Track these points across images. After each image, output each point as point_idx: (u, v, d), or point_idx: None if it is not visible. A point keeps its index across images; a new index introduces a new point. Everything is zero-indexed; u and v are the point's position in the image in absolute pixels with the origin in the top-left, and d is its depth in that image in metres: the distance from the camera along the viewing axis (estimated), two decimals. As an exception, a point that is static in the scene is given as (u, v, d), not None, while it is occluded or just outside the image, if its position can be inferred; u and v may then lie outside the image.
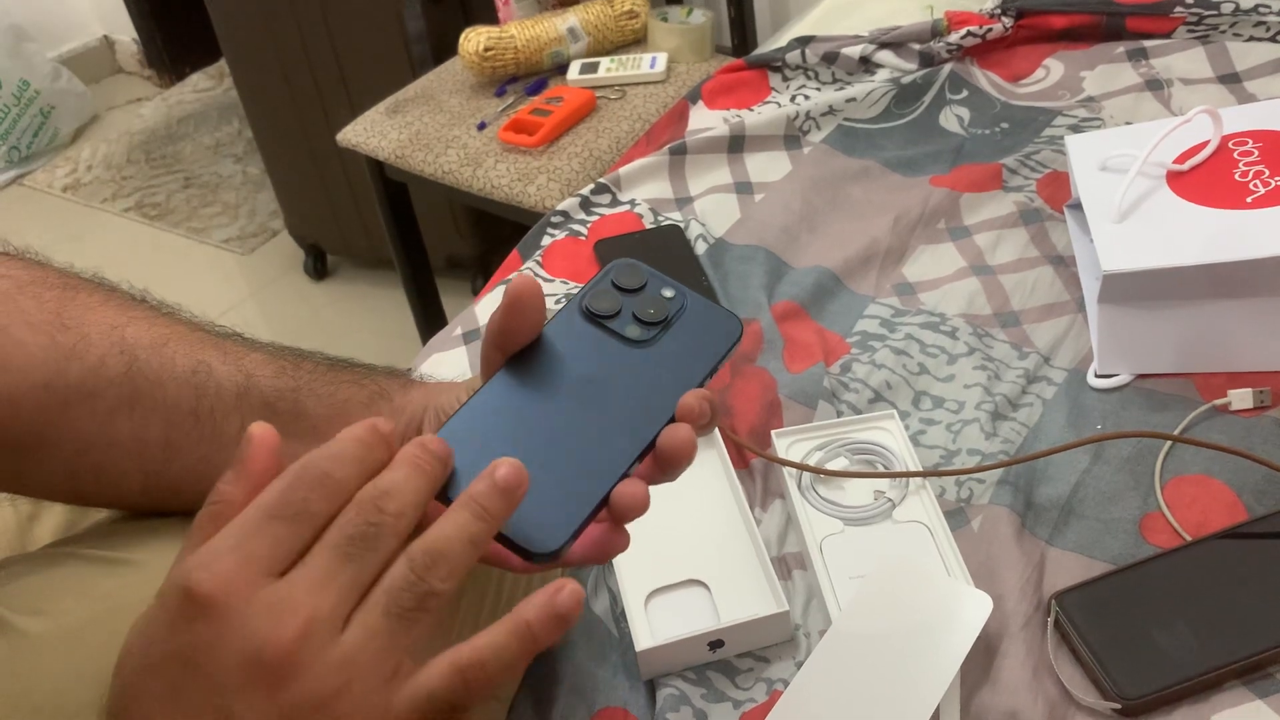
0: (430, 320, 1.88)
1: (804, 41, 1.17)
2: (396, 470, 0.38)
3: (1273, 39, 1.08)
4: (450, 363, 0.87)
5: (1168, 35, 1.12)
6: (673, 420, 0.44)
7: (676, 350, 0.46)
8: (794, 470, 0.72)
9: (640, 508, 0.42)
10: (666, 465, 0.44)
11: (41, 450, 0.47)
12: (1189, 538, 0.66)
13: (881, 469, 0.72)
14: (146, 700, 0.35)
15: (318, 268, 2.36)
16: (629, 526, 0.44)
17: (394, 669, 0.36)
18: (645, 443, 0.44)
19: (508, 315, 0.44)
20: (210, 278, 2.44)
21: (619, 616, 0.66)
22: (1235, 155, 0.81)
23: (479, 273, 2.07)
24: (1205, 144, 0.82)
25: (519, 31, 1.58)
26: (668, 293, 0.48)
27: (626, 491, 0.42)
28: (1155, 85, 1.07)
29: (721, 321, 0.47)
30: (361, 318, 2.26)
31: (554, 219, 1.01)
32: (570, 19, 1.61)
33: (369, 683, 0.35)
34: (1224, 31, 1.10)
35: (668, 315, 0.47)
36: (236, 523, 0.36)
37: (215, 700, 0.34)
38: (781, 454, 0.74)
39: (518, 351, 0.45)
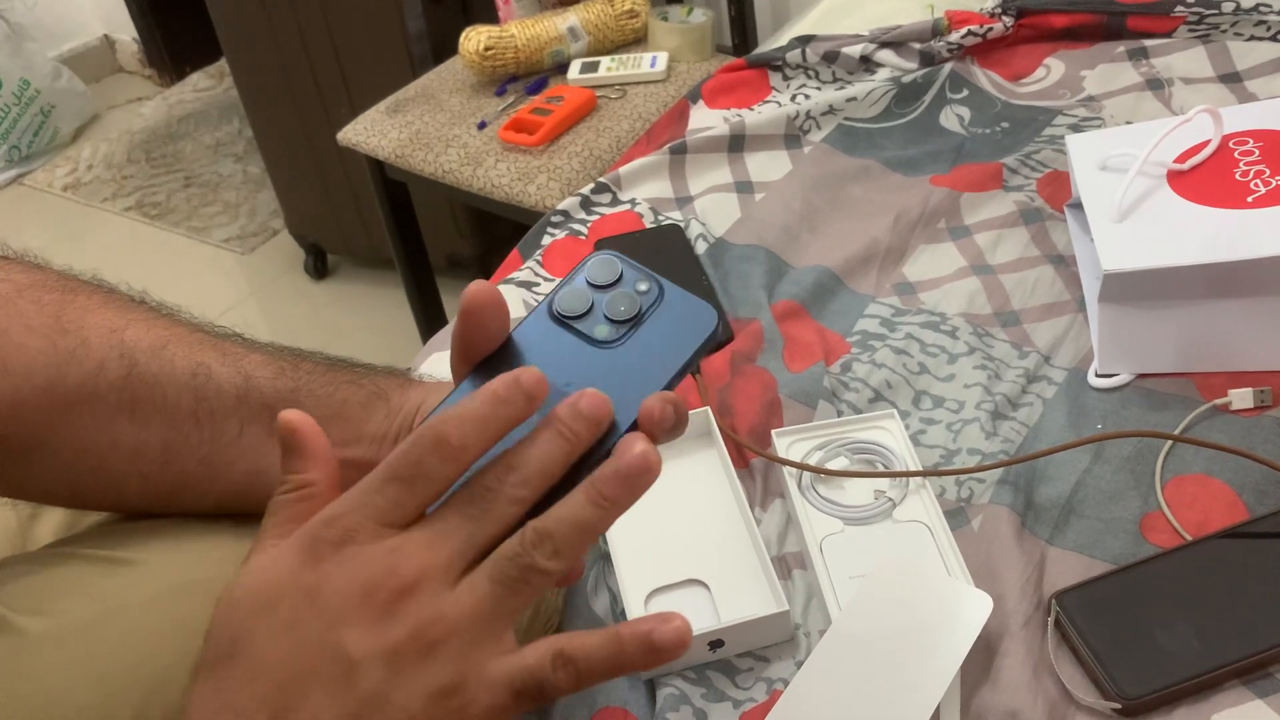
0: (430, 319, 1.88)
1: (804, 41, 1.17)
2: (536, 435, 0.39)
3: (1273, 38, 1.08)
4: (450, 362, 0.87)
5: (1168, 35, 1.12)
6: (635, 426, 0.42)
7: (646, 349, 0.44)
8: (794, 470, 0.72)
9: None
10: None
11: (41, 454, 0.47)
12: (1189, 537, 0.66)
13: (882, 468, 0.72)
14: (262, 636, 0.37)
15: (318, 267, 2.37)
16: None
17: (494, 635, 0.37)
18: (603, 452, 0.41)
19: (464, 326, 0.43)
20: (211, 277, 2.44)
21: (619, 616, 0.66)
22: (1236, 155, 0.81)
23: (479, 272, 2.06)
24: (1206, 143, 0.82)
25: (519, 31, 1.58)
26: (642, 286, 0.45)
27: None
28: (1156, 85, 1.07)
29: (697, 312, 0.44)
30: (362, 317, 2.26)
31: (554, 218, 1.01)
32: (570, 18, 1.61)
33: (469, 640, 0.37)
34: (1225, 31, 1.10)
35: (640, 311, 0.44)
36: (360, 485, 0.38)
37: (329, 633, 0.36)
38: (781, 453, 0.74)
39: (484, 358, 0.43)
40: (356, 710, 0.36)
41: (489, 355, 0.44)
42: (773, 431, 0.75)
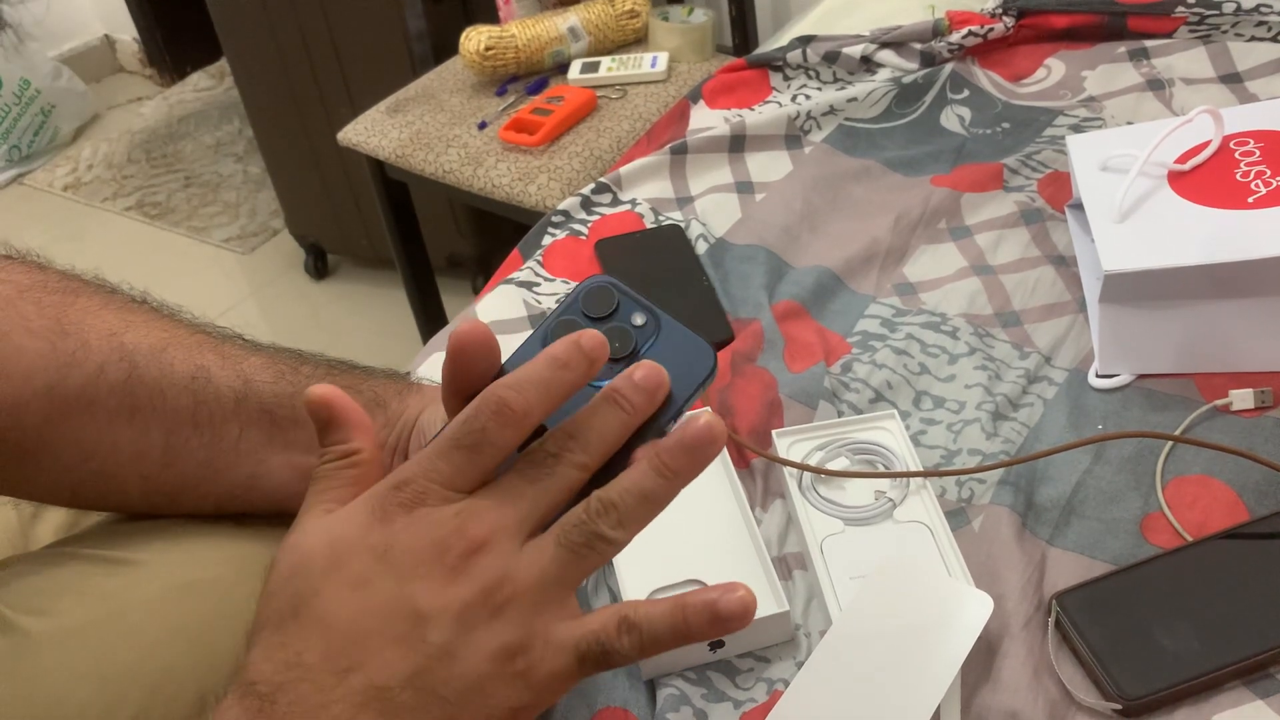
0: (431, 319, 1.88)
1: (805, 41, 1.17)
2: (595, 406, 0.40)
3: (1274, 39, 1.08)
4: (451, 362, 0.87)
5: (1169, 35, 1.12)
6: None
7: None
8: (794, 470, 0.72)
9: None
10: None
11: (42, 457, 0.47)
12: (1190, 538, 0.66)
13: (882, 469, 0.72)
14: (330, 593, 0.37)
15: (318, 267, 2.37)
16: None
17: (560, 600, 0.38)
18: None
19: (453, 366, 0.42)
20: (211, 277, 2.44)
21: (620, 616, 0.66)
22: (1236, 155, 0.81)
23: (480, 272, 2.07)
24: (1206, 144, 0.82)
25: (520, 31, 1.58)
26: (638, 320, 0.43)
27: None
28: (1156, 85, 1.07)
29: (694, 352, 0.43)
30: (362, 317, 2.26)
31: (555, 218, 1.01)
32: (571, 18, 1.61)
33: (536, 602, 0.38)
34: (1225, 31, 1.10)
35: (635, 347, 0.43)
36: (424, 452, 0.39)
37: (400, 588, 0.37)
38: (782, 454, 0.74)
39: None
40: (426, 664, 0.36)
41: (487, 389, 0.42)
42: (773, 432, 0.75)
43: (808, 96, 1.13)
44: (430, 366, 0.87)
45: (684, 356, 0.43)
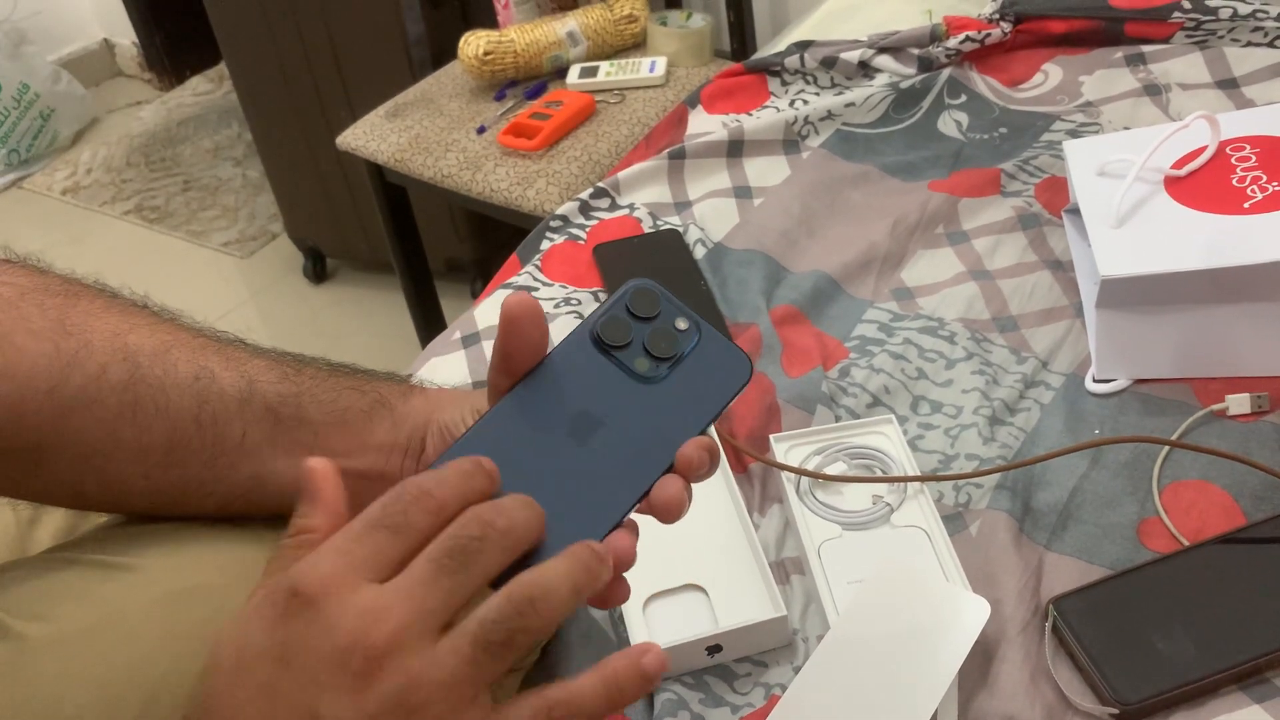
0: (429, 324, 1.88)
1: (803, 46, 1.18)
2: (506, 499, 0.39)
3: (1270, 44, 1.08)
4: (449, 366, 0.87)
5: (1166, 40, 1.12)
6: (671, 468, 0.43)
7: (683, 390, 0.44)
8: (792, 475, 0.72)
9: (629, 561, 0.42)
10: (659, 516, 0.43)
11: (44, 457, 0.47)
12: (1187, 543, 0.66)
13: (880, 474, 0.73)
14: (238, 699, 0.36)
15: (317, 271, 2.37)
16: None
17: (475, 699, 0.36)
18: (642, 491, 0.42)
19: (505, 337, 0.43)
20: (210, 281, 2.44)
21: (617, 621, 0.66)
22: (1233, 161, 0.81)
23: (478, 276, 2.07)
24: (1203, 149, 0.82)
25: (518, 35, 1.58)
26: (681, 324, 0.45)
27: (618, 545, 0.41)
28: (1153, 90, 1.07)
29: (732, 361, 0.45)
30: (361, 321, 2.26)
31: (553, 223, 1.02)
32: (570, 23, 1.62)
33: (450, 706, 0.35)
34: (1222, 37, 1.10)
35: (680, 352, 0.45)
36: (340, 533, 0.37)
37: (303, 698, 0.35)
38: (780, 458, 0.74)
39: (525, 376, 0.43)
40: None
41: (532, 373, 0.43)
42: (771, 436, 0.75)
43: (805, 101, 1.14)
44: (429, 370, 0.87)
45: (722, 364, 0.45)
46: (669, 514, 0.42)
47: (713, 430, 0.71)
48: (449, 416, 0.52)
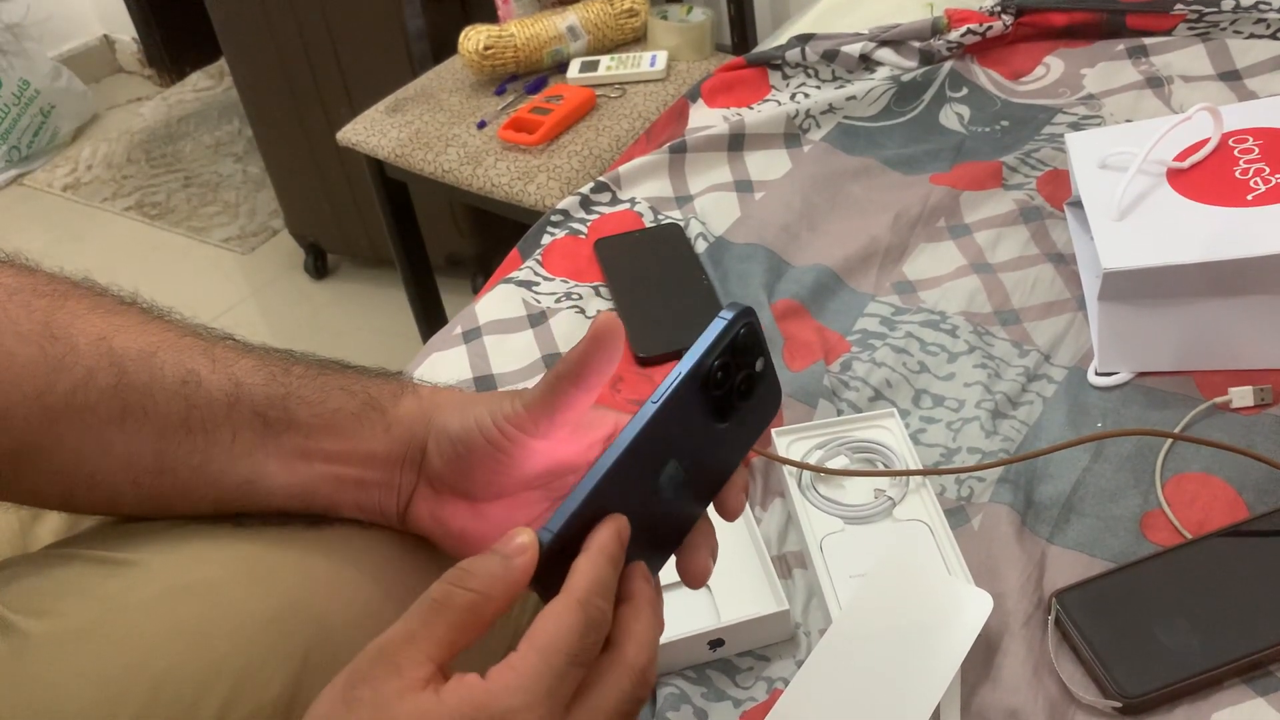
0: (430, 319, 1.88)
1: (804, 39, 1.17)
2: (643, 622, 0.41)
3: (1273, 36, 1.08)
4: (450, 362, 0.87)
5: (1168, 33, 1.12)
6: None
7: (739, 425, 0.44)
8: (794, 469, 0.72)
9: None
10: (689, 584, 0.46)
11: (32, 462, 0.47)
12: (1190, 536, 0.66)
13: (882, 467, 0.72)
14: None
15: (318, 267, 2.36)
16: None
17: None
18: (693, 523, 0.45)
19: (591, 350, 0.45)
20: (210, 277, 2.44)
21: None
22: (1236, 153, 0.81)
23: (479, 271, 2.06)
24: (1205, 141, 0.82)
25: (519, 30, 1.58)
26: (759, 366, 0.45)
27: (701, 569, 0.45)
28: (1155, 82, 1.06)
29: (773, 392, 0.46)
30: (362, 317, 2.26)
31: (554, 218, 1.01)
32: (570, 17, 1.61)
33: None
34: (1224, 29, 1.10)
35: (753, 392, 0.44)
36: (546, 668, 0.38)
37: None
38: (782, 452, 0.74)
39: (636, 421, 0.42)
40: None
41: (643, 418, 0.41)
42: (772, 430, 0.75)
43: (806, 95, 1.13)
44: (429, 366, 0.87)
45: (769, 396, 0.46)
46: (697, 582, 0.46)
47: None
48: (452, 422, 0.50)
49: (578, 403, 0.47)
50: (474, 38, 1.57)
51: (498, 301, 0.92)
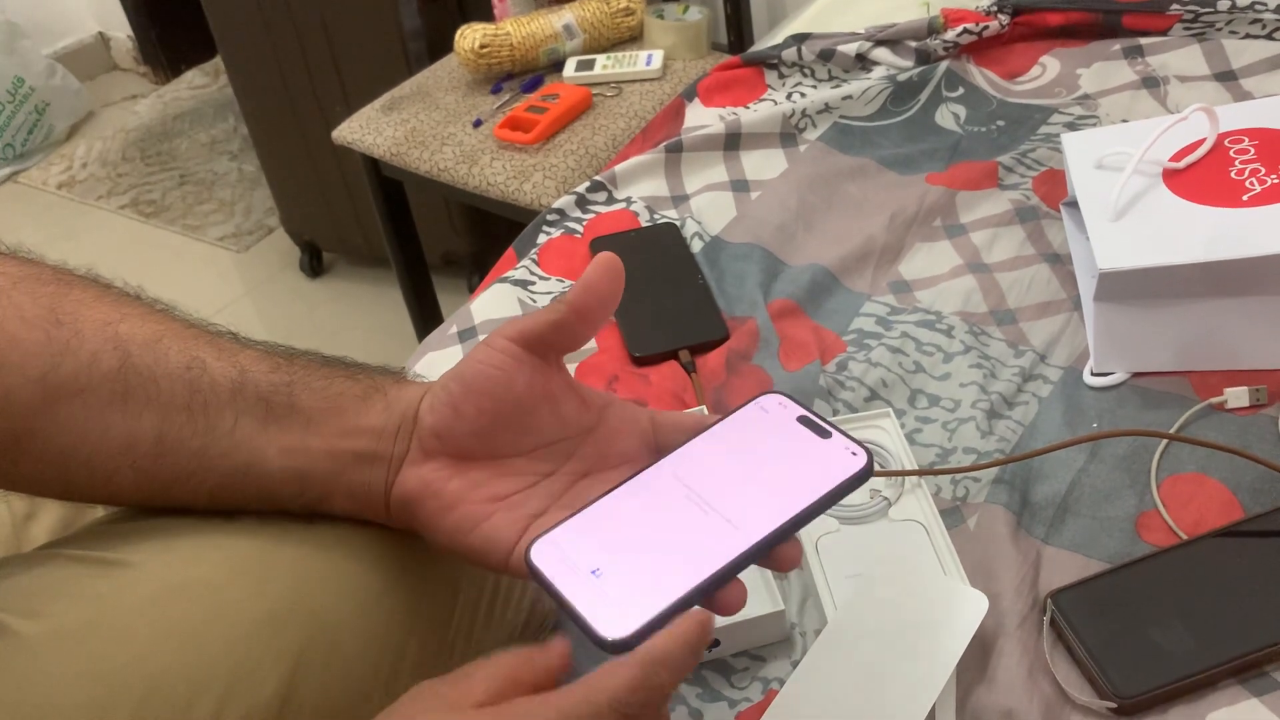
0: (426, 318, 1.88)
1: (800, 39, 1.17)
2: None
3: (1269, 36, 1.08)
4: (446, 361, 0.87)
5: (1164, 33, 1.12)
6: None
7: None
8: (790, 469, 0.72)
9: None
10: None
11: (33, 444, 0.47)
12: (1185, 536, 0.66)
13: (877, 467, 0.72)
14: None
15: (313, 265, 2.36)
16: None
17: None
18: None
19: (594, 285, 0.49)
20: (206, 275, 2.44)
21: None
22: (1231, 153, 0.81)
23: (475, 270, 2.06)
24: (1201, 142, 0.82)
25: (515, 28, 1.58)
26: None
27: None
28: (1151, 83, 1.07)
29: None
30: (357, 315, 2.26)
31: (550, 217, 1.01)
32: (566, 16, 1.61)
33: None
34: (1220, 29, 1.10)
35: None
36: (587, 706, 0.40)
37: None
38: (778, 452, 0.74)
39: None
40: None
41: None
42: (769, 430, 0.75)
43: (803, 94, 1.13)
44: (426, 365, 0.87)
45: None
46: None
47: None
48: (452, 371, 0.51)
49: (578, 335, 0.50)
50: (470, 36, 1.57)
51: (493, 301, 0.92)
